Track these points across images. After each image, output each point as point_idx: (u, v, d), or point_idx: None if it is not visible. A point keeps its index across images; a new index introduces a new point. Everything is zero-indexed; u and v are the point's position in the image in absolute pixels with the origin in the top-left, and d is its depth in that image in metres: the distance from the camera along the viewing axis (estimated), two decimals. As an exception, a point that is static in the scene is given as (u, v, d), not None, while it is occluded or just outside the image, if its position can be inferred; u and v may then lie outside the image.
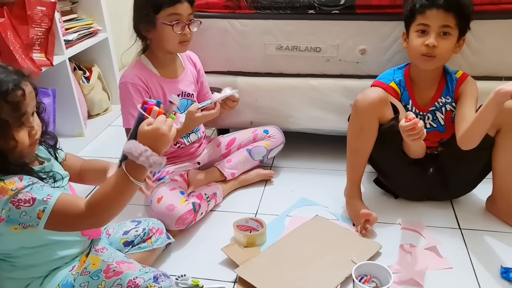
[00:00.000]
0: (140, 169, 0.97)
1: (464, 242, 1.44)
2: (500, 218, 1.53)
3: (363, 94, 1.46)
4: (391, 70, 1.58)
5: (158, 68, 1.61)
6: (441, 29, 1.40)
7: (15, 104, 0.93)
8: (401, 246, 1.42)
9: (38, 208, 0.94)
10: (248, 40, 1.78)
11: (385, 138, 1.47)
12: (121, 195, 0.98)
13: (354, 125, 1.49)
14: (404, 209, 1.61)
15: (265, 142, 1.81)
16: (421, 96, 1.53)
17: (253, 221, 1.50)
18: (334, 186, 1.70)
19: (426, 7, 1.40)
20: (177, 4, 1.48)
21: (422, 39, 1.42)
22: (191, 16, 1.54)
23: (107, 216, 1.00)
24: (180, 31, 1.51)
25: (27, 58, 1.79)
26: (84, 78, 2.38)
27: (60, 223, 0.97)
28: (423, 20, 1.41)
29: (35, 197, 0.94)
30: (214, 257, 1.41)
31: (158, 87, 1.60)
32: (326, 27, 1.70)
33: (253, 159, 1.79)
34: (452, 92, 1.52)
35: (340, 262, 1.33)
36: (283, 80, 1.82)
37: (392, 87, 1.53)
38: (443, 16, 1.38)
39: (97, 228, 1.14)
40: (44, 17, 1.91)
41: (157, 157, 0.96)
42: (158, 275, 1.10)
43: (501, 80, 1.67)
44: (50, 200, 0.95)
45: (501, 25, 1.58)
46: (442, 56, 1.43)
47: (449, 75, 1.53)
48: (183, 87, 1.67)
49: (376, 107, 1.44)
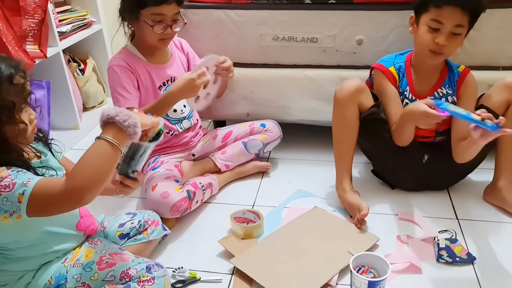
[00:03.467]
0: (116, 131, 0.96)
1: (461, 232, 1.44)
2: (499, 205, 1.53)
3: (341, 85, 1.50)
4: (393, 55, 1.58)
5: (145, 55, 1.62)
6: (454, 28, 1.36)
7: (21, 86, 0.96)
8: (398, 237, 1.42)
9: (17, 191, 0.91)
10: (244, 31, 1.76)
11: (366, 126, 1.50)
12: (99, 160, 0.94)
13: (336, 115, 1.53)
14: (401, 200, 1.61)
15: (261, 135, 1.80)
16: (420, 84, 1.52)
17: (250, 213, 1.50)
18: (331, 178, 1.69)
19: (444, 3, 1.34)
20: (162, 5, 1.47)
21: (432, 35, 1.38)
22: (176, 15, 1.53)
23: (88, 187, 0.92)
24: (160, 31, 1.51)
25: (20, 49, 1.76)
26: (78, 70, 2.36)
27: (42, 205, 0.93)
28: (438, 16, 1.36)
29: (15, 181, 0.92)
30: (211, 249, 1.40)
31: (145, 72, 1.60)
32: (323, 17, 1.69)
33: (248, 152, 1.78)
34: (454, 85, 1.51)
35: (337, 253, 1.33)
36: (280, 71, 1.80)
37: (391, 71, 1.53)
38: (458, 16, 1.34)
39: (80, 205, 1.02)
40: (37, 8, 1.88)
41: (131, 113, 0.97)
42: (151, 265, 1.10)
43: (498, 69, 1.66)
44: (29, 182, 0.93)
45: (499, 14, 1.57)
46: (449, 53, 1.42)
47: (451, 67, 1.52)
48: (171, 72, 1.67)
49: (353, 96, 1.47)
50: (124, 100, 1.53)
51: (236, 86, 1.83)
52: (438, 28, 1.37)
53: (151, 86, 1.62)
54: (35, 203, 0.92)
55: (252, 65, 1.83)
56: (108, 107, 0.98)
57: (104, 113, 0.97)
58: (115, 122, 0.96)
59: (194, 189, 1.53)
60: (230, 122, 1.96)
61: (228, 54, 1.81)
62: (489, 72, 1.65)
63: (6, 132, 0.95)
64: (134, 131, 0.97)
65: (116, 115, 0.96)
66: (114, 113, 0.96)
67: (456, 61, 1.63)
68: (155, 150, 1.69)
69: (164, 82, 1.65)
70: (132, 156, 1.09)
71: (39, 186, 0.93)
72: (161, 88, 1.64)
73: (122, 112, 0.96)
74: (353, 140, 1.53)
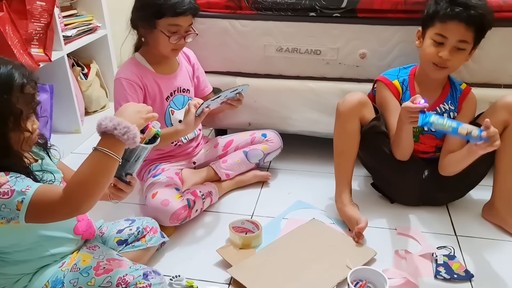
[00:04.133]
0: (114, 142, 0.96)
1: (460, 248, 1.44)
2: (497, 223, 1.53)
3: (343, 99, 1.51)
4: (397, 69, 1.59)
5: (153, 65, 1.61)
6: (457, 43, 1.38)
7: (30, 96, 0.97)
8: (396, 251, 1.42)
9: (16, 199, 0.92)
10: (248, 41, 1.77)
11: (366, 139, 1.51)
12: (96, 171, 0.95)
13: (337, 128, 1.54)
14: (400, 214, 1.61)
15: (262, 145, 1.80)
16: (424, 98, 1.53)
17: (249, 222, 1.49)
18: (331, 190, 1.69)
19: (449, 18, 1.37)
20: (180, 16, 1.47)
21: (436, 49, 1.40)
22: (190, 27, 1.53)
23: (86, 198, 0.93)
24: (175, 41, 1.51)
25: (25, 53, 1.77)
26: (82, 75, 2.37)
27: (40, 213, 0.94)
28: (442, 31, 1.38)
29: (14, 188, 0.92)
30: (209, 258, 1.40)
31: (153, 83, 1.59)
32: (327, 30, 1.70)
33: (249, 161, 1.78)
34: (457, 101, 1.52)
35: (335, 267, 1.33)
36: (283, 82, 1.81)
37: (395, 84, 1.53)
38: (463, 31, 1.36)
39: (77, 215, 1.06)
40: (43, 12, 1.90)
41: (130, 125, 0.96)
42: (148, 272, 1.10)
43: (500, 87, 1.67)
44: (28, 190, 0.93)
45: (501, 32, 1.58)
46: (453, 68, 1.44)
47: (453, 84, 1.53)
48: (178, 83, 1.67)
49: (355, 110, 1.49)
50: None
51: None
52: (443, 42, 1.39)
53: (159, 96, 1.61)
54: (33, 211, 0.93)
55: (255, 75, 1.84)
56: (106, 116, 0.96)
57: (102, 124, 0.95)
58: (114, 135, 0.96)
59: (194, 198, 1.53)
60: (232, 131, 1.97)
61: (232, 63, 1.83)
62: (490, 90, 1.65)
63: (11, 138, 0.96)
64: (134, 141, 0.97)
65: (114, 128, 0.95)
66: (112, 126, 0.95)
67: (458, 78, 1.64)
68: (157, 158, 1.69)
69: (172, 92, 1.64)
70: (127, 159, 1.07)
71: (38, 194, 0.93)
72: (168, 99, 1.63)
73: (120, 124, 0.95)
74: (353, 153, 1.54)
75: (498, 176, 1.51)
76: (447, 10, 1.37)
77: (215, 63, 1.85)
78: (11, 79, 0.93)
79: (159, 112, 1.59)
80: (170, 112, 1.64)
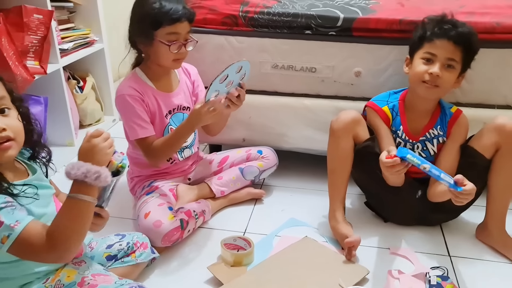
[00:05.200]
0: (86, 187, 0.95)
1: (453, 269, 1.43)
2: (490, 245, 1.52)
3: (337, 116, 1.50)
4: (387, 93, 1.59)
5: (153, 81, 1.59)
6: (447, 61, 1.40)
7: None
8: (389, 271, 1.41)
9: (3, 233, 0.90)
10: (244, 58, 1.77)
11: (359, 158, 1.50)
12: (76, 219, 0.95)
13: (331, 146, 1.54)
14: (393, 234, 1.60)
15: (258, 162, 1.80)
16: (413, 124, 1.53)
17: (241, 239, 1.48)
18: (324, 207, 1.68)
19: (437, 36, 1.40)
20: (176, 23, 1.46)
21: (426, 66, 1.42)
22: (188, 34, 1.52)
23: (68, 247, 0.95)
24: (176, 50, 1.49)
25: (21, 65, 1.77)
26: (77, 88, 2.37)
27: (24, 252, 0.94)
28: (431, 49, 1.41)
29: (2, 220, 0.91)
30: (199, 275, 1.38)
31: (153, 99, 1.58)
32: (322, 48, 1.71)
33: (244, 178, 1.77)
34: (446, 126, 1.52)
35: (327, 285, 1.31)
36: (278, 99, 1.82)
37: (384, 111, 1.53)
38: (451, 49, 1.38)
39: (61, 262, 1.06)
40: (40, 25, 1.90)
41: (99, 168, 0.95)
42: (134, 287, 1.08)
43: (493, 108, 1.68)
44: (17, 227, 0.91)
45: (495, 54, 1.60)
46: (444, 87, 1.43)
47: (443, 108, 1.53)
48: (178, 101, 1.65)
49: (349, 128, 1.48)
50: (142, 129, 1.52)
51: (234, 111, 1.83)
52: (431, 59, 1.41)
53: (158, 113, 1.59)
54: (17, 248, 0.92)
55: (250, 91, 1.83)
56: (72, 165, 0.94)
57: (71, 173, 0.94)
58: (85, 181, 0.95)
59: (188, 218, 1.50)
60: (226, 147, 1.96)
61: (227, 79, 1.83)
62: (484, 110, 1.66)
63: None
64: (106, 181, 0.96)
65: (84, 176, 0.93)
66: (82, 174, 0.93)
67: (452, 98, 1.66)
68: (152, 174, 1.68)
69: (171, 110, 1.62)
70: None
71: (25, 233, 0.92)
72: (167, 116, 1.62)
73: (90, 171, 0.94)
74: (347, 171, 1.53)
75: (490, 198, 1.50)
76: (435, 29, 1.41)
77: (211, 79, 1.84)
78: None
79: (158, 129, 1.59)
80: (170, 130, 1.62)
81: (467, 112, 1.55)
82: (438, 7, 1.66)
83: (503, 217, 1.50)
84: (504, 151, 1.42)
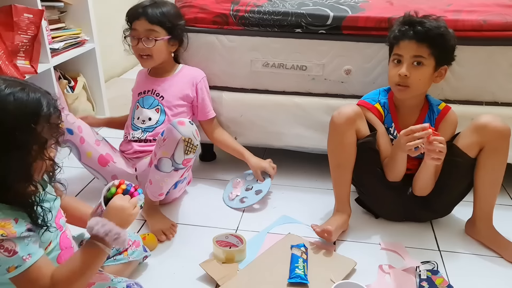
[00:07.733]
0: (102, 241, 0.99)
1: (443, 263, 1.44)
2: (479, 240, 1.54)
3: (338, 110, 1.49)
4: (377, 91, 1.60)
5: (152, 69, 1.81)
6: (413, 59, 1.43)
7: (55, 125, 0.95)
8: (380, 266, 1.42)
9: (13, 263, 0.90)
10: (234, 56, 1.79)
11: (359, 153, 1.50)
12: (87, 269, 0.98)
13: (333, 141, 1.52)
14: (384, 229, 1.61)
15: (162, 151, 1.48)
16: (403, 120, 1.55)
17: (233, 237, 1.48)
18: (316, 204, 1.69)
19: (399, 39, 1.45)
20: (134, 21, 1.68)
21: (396, 68, 1.46)
22: (149, 32, 1.66)
23: None
24: (133, 44, 1.70)
25: (11, 64, 1.77)
26: (68, 88, 2.36)
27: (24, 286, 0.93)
28: (397, 50, 1.46)
29: (17, 251, 0.90)
30: (192, 273, 1.38)
31: (139, 80, 1.84)
32: (313, 46, 1.72)
33: (166, 172, 1.50)
34: (433, 124, 1.53)
35: (317, 281, 1.32)
36: (268, 97, 1.83)
37: (377, 108, 1.55)
38: (415, 47, 1.42)
39: None
40: (30, 24, 1.90)
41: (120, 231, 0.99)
42: (131, 284, 1.09)
43: (481, 105, 1.70)
44: (28, 260, 0.91)
45: (482, 51, 1.62)
46: (415, 85, 1.45)
47: (431, 105, 1.55)
48: (157, 87, 1.76)
49: (352, 121, 1.47)
50: None
51: (225, 109, 1.85)
52: (400, 59, 1.46)
53: (135, 90, 1.81)
54: (20, 280, 0.92)
55: (241, 89, 1.85)
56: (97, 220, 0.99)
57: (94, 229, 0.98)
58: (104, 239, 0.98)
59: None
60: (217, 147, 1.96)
61: (219, 78, 1.84)
62: (472, 107, 1.69)
63: (34, 167, 0.93)
64: (123, 245, 1.01)
65: (105, 234, 0.97)
66: (103, 232, 0.97)
67: (441, 95, 1.67)
68: None
69: (145, 90, 1.76)
70: None
71: (32, 269, 0.92)
72: (140, 95, 1.77)
73: (112, 231, 0.98)
74: (352, 166, 1.52)
75: (477, 196, 1.52)
76: (396, 32, 1.46)
77: (202, 77, 1.86)
78: (38, 108, 0.91)
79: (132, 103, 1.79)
80: (136, 107, 1.76)
81: (456, 108, 1.56)
82: (425, 5, 1.68)
83: (490, 213, 1.51)
84: (488, 150, 1.44)
